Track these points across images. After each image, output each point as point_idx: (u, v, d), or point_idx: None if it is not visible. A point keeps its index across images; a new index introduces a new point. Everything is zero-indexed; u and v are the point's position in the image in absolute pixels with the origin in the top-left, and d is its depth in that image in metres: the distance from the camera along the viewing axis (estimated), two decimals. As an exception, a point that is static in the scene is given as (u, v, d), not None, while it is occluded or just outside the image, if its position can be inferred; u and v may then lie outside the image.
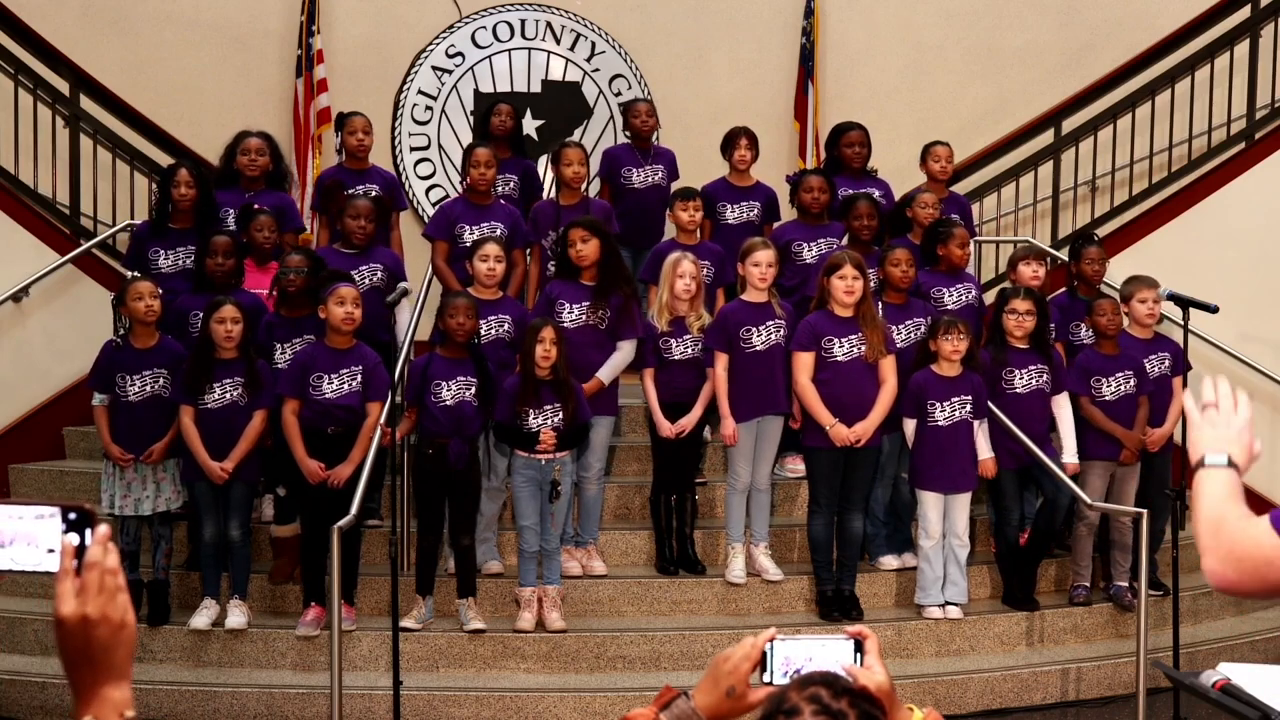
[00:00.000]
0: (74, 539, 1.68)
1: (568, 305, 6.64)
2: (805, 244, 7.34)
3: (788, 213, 7.72)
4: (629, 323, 6.70)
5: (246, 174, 7.19)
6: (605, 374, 6.68)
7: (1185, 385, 6.88)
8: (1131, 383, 6.97)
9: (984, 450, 6.66)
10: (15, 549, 1.69)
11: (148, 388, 6.34)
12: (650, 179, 7.90)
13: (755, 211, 7.70)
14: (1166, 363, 7.13)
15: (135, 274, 6.79)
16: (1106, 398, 6.96)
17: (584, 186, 7.51)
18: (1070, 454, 6.81)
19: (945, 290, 7.17)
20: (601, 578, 6.72)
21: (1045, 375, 6.79)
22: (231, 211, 7.11)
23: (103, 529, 1.68)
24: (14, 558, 1.69)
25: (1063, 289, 7.73)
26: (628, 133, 8.14)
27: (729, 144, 7.74)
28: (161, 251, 6.98)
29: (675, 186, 7.69)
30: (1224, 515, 2.23)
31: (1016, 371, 6.77)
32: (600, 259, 6.64)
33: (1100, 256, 7.44)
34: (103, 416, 6.38)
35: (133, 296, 6.32)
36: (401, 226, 7.67)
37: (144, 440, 6.30)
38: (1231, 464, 2.29)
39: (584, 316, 6.65)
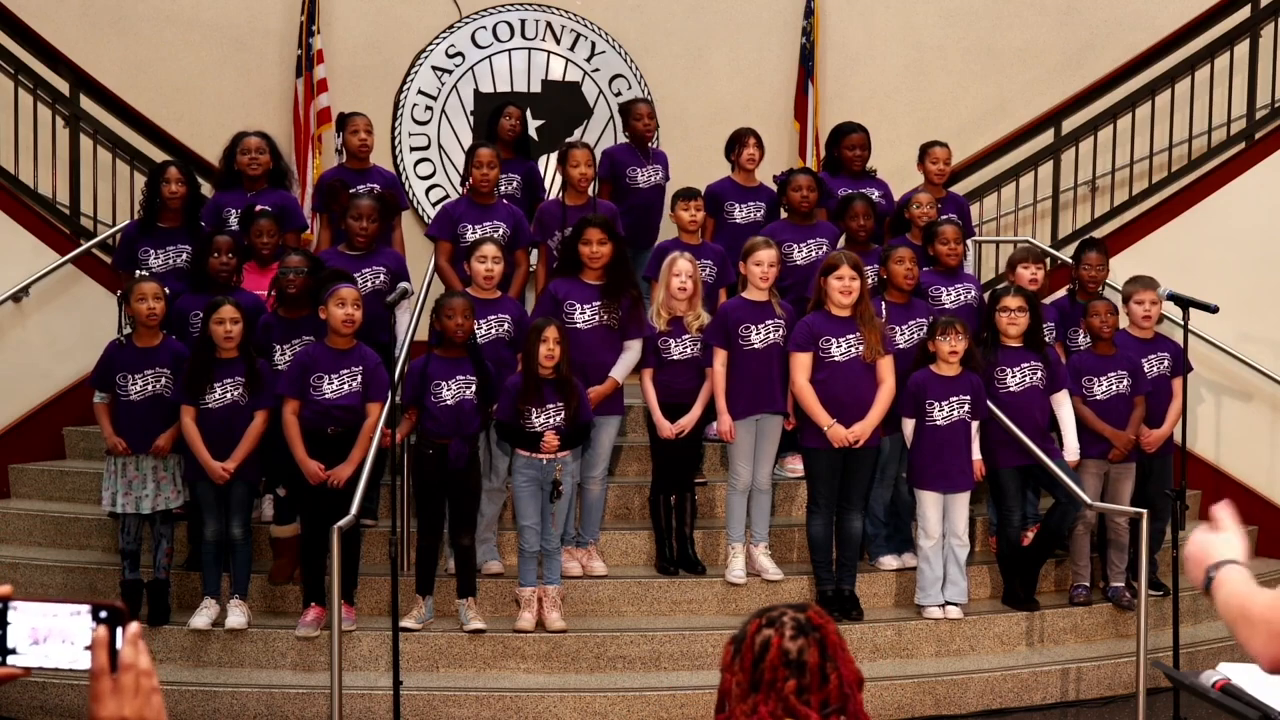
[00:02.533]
0: (105, 634, 1.70)
1: (579, 306, 6.63)
2: (795, 244, 7.29)
3: (785, 213, 7.73)
4: (637, 322, 6.72)
5: (248, 174, 7.18)
6: (619, 373, 6.69)
7: (1185, 387, 6.88)
8: (1125, 382, 6.97)
9: (974, 452, 6.67)
10: (50, 646, 1.72)
11: (149, 387, 6.34)
12: (652, 179, 7.96)
13: (762, 212, 7.69)
14: (1166, 363, 7.13)
15: (143, 273, 6.79)
16: (1098, 397, 6.97)
17: (590, 187, 7.52)
18: (1071, 450, 6.81)
19: (944, 290, 7.18)
20: (601, 578, 6.71)
21: (1040, 373, 6.78)
22: (234, 212, 7.11)
23: (134, 627, 1.72)
24: (48, 654, 1.72)
25: (1064, 288, 7.73)
26: (627, 133, 8.14)
27: (736, 144, 7.73)
28: (151, 251, 6.98)
29: (669, 188, 7.73)
30: (1249, 599, 2.25)
31: (1009, 370, 6.77)
32: (611, 260, 6.65)
33: (1100, 262, 7.40)
34: (104, 412, 6.39)
35: (136, 297, 6.33)
36: (402, 227, 7.67)
37: (144, 439, 6.30)
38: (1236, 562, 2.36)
39: (597, 317, 6.64)
